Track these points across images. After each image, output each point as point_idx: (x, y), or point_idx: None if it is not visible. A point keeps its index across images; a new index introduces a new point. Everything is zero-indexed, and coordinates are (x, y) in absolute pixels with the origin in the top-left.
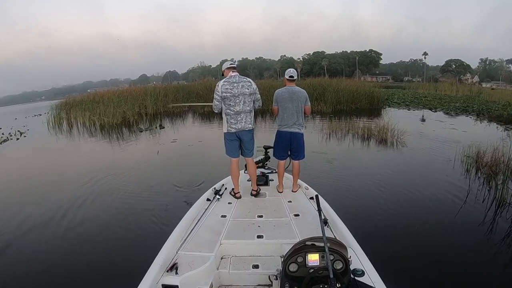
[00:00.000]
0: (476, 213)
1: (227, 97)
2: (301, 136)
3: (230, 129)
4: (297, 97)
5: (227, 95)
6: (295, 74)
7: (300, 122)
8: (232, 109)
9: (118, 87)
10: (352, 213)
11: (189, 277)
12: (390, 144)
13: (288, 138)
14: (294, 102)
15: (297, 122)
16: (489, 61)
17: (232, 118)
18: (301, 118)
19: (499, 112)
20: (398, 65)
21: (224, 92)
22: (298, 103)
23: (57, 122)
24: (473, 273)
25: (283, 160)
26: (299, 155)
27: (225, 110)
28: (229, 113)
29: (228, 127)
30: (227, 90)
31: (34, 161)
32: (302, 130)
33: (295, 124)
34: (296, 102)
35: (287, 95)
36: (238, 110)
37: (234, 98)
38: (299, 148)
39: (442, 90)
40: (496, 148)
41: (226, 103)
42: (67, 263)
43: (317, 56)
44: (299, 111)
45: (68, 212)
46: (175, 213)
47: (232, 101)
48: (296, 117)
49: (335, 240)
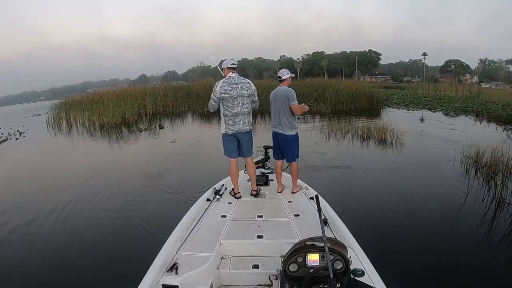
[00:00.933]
0: (476, 213)
1: (226, 98)
2: (287, 137)
3: (228, 131)
4: (279, 97)
5: (226, 96)
6: (284, 74)
7: (283, 122)
8: (230, 111)
9: (118, 87)
10: (352, 213)
11: (189, 277)
12: (389, 144)
13: (275, 138)
14: (276, 102)
15: (281, 122)
16: (489, 62)
17: (230, 119)
18: (284, 118)
19: (498, 113)
20: (398, 65)
21: (222, 93)
22: (280, 103)
23: (56, 122)
24: (472, 273)
25: (279, 160)
26: (287, 156)
27: (223, 111)
28: (227, 115)
29: (226, 128)
30: (225, 91)
31: (33, 160)
32: (289, 132)
33: (279, 124)
34: (279, 102)
35: (273, 95)
36: (236, 112)
37: (232, 99)
38: (287, 149)
39: (441, 90)
40: (495, 148)
41: (224, 104)
42: (66, 263)
43: (316, 56)
44: (282, 111)
45: (67, 212)
46: (175, 213)
47: (231, 103)
48: (278, 117)
49: (335, 240)
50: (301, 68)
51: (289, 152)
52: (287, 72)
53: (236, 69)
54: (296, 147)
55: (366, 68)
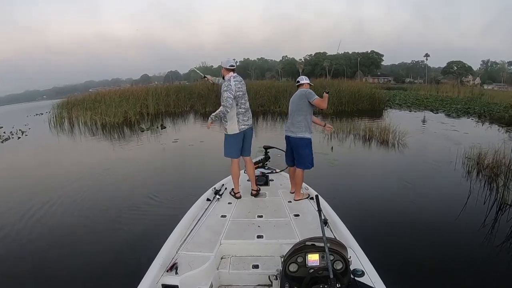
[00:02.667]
0: (477, 214)
1: (239, 95)
2: (298, 140)
3: (242, 127)
4: (296, 98)
5: (239, 93)
6: (302, 79)
7: (298, 122)
8: (244, 107)
9: (120, 86)
10: (352, 213)
11: (189, 277)
12: (391, 145)
13: (288, 143)
14: (293, 103)
15: (294, 123)
16: (491, 63)
17: (244, 116)
18: (300, 117)
19: (500, 114)
20: (400, 66)
21: (237, 91)
22: (296, 102)
23: (58, 121)
24: (473, 274)
25: (291, 166)
26: (298, 162)
27: (237, 109)
28: (240, 112)
29: (239, 125)
30: (239, 89)
31: (34, 159)
32: (300, 134)
33: (291, 126)
34: (295, 102)
35: (291, 99)
36: (247, 107)
37: (243, 95)
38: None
39: (443, 91)
40: (497, 150)
41: (239, 101)
42: (66, 263)
43: (318, 57)
44: (297, 111)
45: (67, 211)
46: (175, 213)
47: (243, 99)
48: (291, 118)
49: (335, 240)
50: (303, 69)
51: (299, 157)
52: (306, 79)
53: (234, 71)
54: (309, 151)
55: (368, 69)
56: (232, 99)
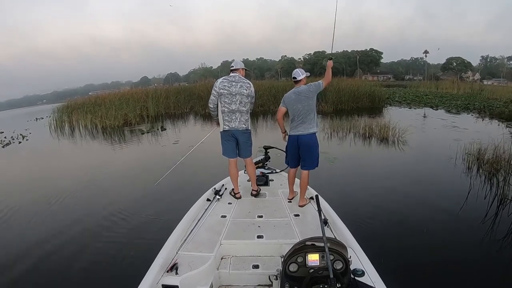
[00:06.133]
0: (478, 210)
1: (224, 94)
2: (310, 138)
3: (225, 127)
4: (303, 96)
5: (224, 92)
6: (299, 74)
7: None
8: (228, 107)
9: (120, 89)
10: (352, 213)
11: (189, 277)
12: (391, 142)
13: (295, 142)
14: (301, 103)
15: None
16: (490, 59)
17: (226, 115)
18: (311, 115)
19: (500, 109)
20: (399, 63)
21: (221, 88)
22: (305, 101)
23: (59, 125)
24: (474, 272)
25: (293, 168)
26: (307, 162)
27: (221, 107)
28: (224, 111)
29: (223, 125)
30: (224, 88)
31: (36, 163)
32: (312, 130)
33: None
34: (303, 101)
35: (291, 97)
36: (234, 109)
37: (230, 96)
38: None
39: (443, 88)
40: (498, 146)
41: (222, 100)
42: (66, 263)
43: (318, 56)
44: (309, 109)
45: (67, 212)
46: (176, 213)
47: (228, 99)
48: (301, 117)
49: (335, 240)
50: (303, 68)
51: (309, 156)
52: (302, 72)
53: (234, 71)
54: (318, 149)
55: (368, 67)
56: (215, 96)
